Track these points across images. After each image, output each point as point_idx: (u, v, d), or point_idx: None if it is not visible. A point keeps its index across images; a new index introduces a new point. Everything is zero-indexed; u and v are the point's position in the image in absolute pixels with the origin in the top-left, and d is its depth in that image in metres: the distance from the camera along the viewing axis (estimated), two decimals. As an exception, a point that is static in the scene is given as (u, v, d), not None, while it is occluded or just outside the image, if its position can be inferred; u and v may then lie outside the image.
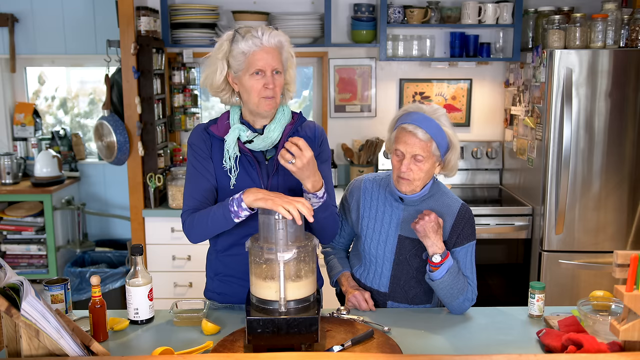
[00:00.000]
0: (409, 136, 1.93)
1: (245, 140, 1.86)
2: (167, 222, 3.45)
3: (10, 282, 1.47)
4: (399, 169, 1.97)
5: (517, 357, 1.53)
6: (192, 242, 1.90)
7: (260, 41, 1.80)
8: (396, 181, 2.00)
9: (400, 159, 1.96)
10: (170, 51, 3.82)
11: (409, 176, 1.95)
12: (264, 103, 1.82)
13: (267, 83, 1.81)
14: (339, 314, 1.94)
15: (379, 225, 2.07)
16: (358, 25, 3.74)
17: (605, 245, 3.26)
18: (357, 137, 4.03)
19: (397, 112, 2.05)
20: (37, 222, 3.87)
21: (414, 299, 2.07)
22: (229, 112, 1.94)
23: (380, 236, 2.06)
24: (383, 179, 2.13)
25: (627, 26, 3.24)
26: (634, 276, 1.48)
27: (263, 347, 1.61)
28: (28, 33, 4.02)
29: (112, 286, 3.73)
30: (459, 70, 3.96)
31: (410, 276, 2.06)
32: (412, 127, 1.93)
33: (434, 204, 2.03)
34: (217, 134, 1.89)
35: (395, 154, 1.98)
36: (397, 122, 2.01)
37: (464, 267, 2.00)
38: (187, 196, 1.90)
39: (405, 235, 2.04)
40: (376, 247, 2.07)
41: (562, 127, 3.12)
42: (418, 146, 1.93)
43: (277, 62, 1.82)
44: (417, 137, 1.92)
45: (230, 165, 1.86)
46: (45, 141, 4.16)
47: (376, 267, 2.08)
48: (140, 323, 1.89)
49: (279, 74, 1.84)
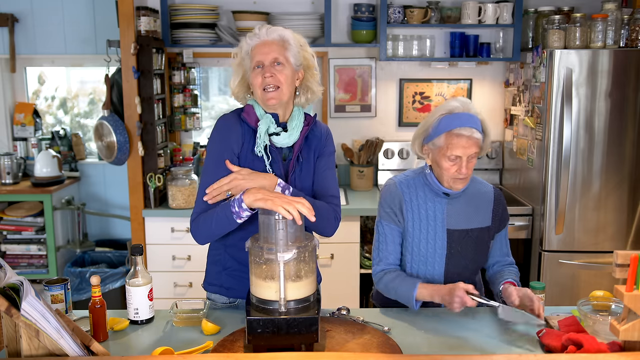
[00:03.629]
0: (466, 140, 1.94)
1: (273, 132, 1.89)
2: (167, 222, 3.45)
3: (10, 282, 1.47)
4: (455, 171, 1.98)
5: (517, 357, 1.53)
6: (200, 243, 1.92)
7: (259, 36, 1.86)
8: (451, 182, 2.01)
9: (456, 162, 1.97)
10: (170, 51, 3.82)
11: (465, 175, 1.98)
12: (266, 96, 1.86)
13: (265, 72, 1.83)
14: (339, 314, 1.94)
15: (425, 224, 2.06)
16: (358, 25, 3.74)
17: (605, 245, 3.26)
18: (357, 137, 4.03)
19: (434, 115, 2.02)
20: (37, 222, 3.87)
21: (466, 277, 2.10)
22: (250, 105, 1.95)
23: (428, 234, 2.06)
24: (415, 178, 2.11)
25: (627, 26, 3.24)
26: (634, 276, 1.48)
27: (263, 347, 1.61)
28: (28, 33, 4.02)
29: (112, 286, 3.73)
30: (459, 70, 3.96)
31: (463, 267, 2.08)
32: (468, 130, 1.94)
33: (472, 192, 2.10)
34: (250, 122, 1.91)
35: (449, 158, 1.97)
36: (441, 125, 1.98)
37: (503, 246, 2.16)
38: (199, 199, 1.90)
39: (452, 228, 2.06)
40: (426, 245, 2.06)
41: (562, 127, 3.12)
42: (474, 146, 1.96)
43: (277, 53, 1.85)
44: (473, 139, 1.95)
45: (262, 154, 1.88)
46: (45, 141, 4.16)
47: (427, 266, 2.07)
48: (140, 323, 1.89)
49: (282, 66, 1.85)
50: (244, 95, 1.98)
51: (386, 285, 2.05)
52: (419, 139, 2.08)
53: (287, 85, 1.87)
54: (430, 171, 2.07)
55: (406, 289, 1.98)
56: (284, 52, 1.86)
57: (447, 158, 1.97)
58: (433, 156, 2.04)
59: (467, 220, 2.08)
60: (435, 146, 2.01)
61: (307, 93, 1.99)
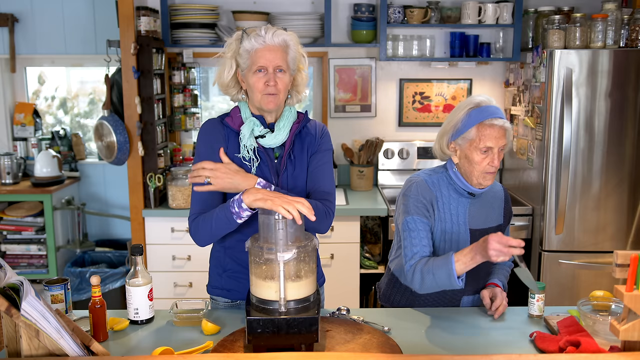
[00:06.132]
0: (497, 130, 1.95)
1: (258, 134, 1.89)
2: (167, 222, 3.45)
3: (10, 282, 1.47)
4: (487, 164, 1.96)
5: (517, 357, 1.53)
6: (200, 245, 1.91)
7: (264, 39, 1.84)
8: (481, 178, 1.99)
9: (488, 155, 1.96)
10: (170, 51, 3.82)
11: (496, 168, 1.99)
12: (266, 100, 1.86)
13: (269, 80, 1.84)
14: (339, 314, 1.94)
15: (449, 224, 2.04)
16: (358, 25, 3.74)
17: (605, 245, 3.26)
18: (357, 137, 4.03)
19: (461, 110, 2.00)
20: (37, 222, 3.87)
21: (479, 289, 2.11)
22: (238, 107, 1.96)
23: (452, 235, 2.05)
24: (439, 178, 2.07)
25: (627, 26, 3.24)
26: (634, 276, 1.48)
27: (263, 347, 1.61)
28: (28, 33, 4.02)
29: (112, 286, 3.73)
30: (459, 70, 3.96)
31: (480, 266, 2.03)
32: (499, 121, 1.95)
33: (487, 191, 2.11)
34: (233, 126, 1.92)
35: (480, 150, 1.96)
36: (471, 118, 1.96)
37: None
38: (194, 199, 1.91)
39: (474, 227, 2.06)
40: (450, 245, 2.04)
41: (562, 127, 3.12)
42: (504, 137, 1.97)
43: (280, 60, 1.85)
44: (504, 129, 1.97)
45: (250, 157, 1.88)
46: (45, 141, 4.16)
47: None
48: (140, 323, 1.89)
49: (283, 73, 1.86)
50: (236, 92, 1.96)
51: (421, 272, 1.91)
52: (446, 136, 2.04)
53: (285, 91, 1.89)
54: (456, 170, 2.05)
55: (444, 269, 1.86)
56: (285, 57, 1.86)
57: (479, 150, 1.96)
58: (462, 151, 2.00)
59: (485, 220, 2.09)
60: (465, 140, 1.99)
61: (298, 95, 1.99)
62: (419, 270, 1.93)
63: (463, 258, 1.85)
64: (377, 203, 3.55)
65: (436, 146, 2.10)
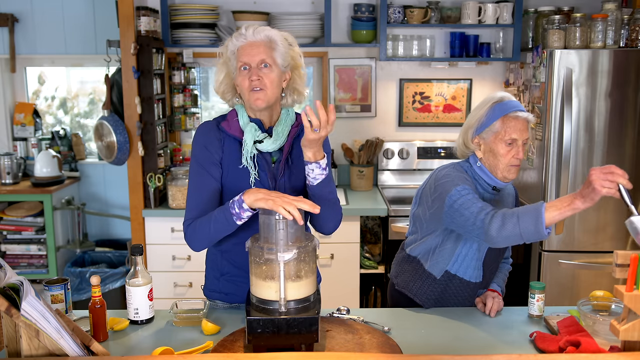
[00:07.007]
0: (522, 122, 2.00)
1: (256, 140, 1.86)
2: (167, 222, 3.45)
3: (10, 282, 1.47)
4: (513, 156, 2.00)
5: (517, 357, 1.53)
6: (195, 250, 1.89)
7: (245, 37, 1.82)
8: (505, 171, 2.01)
9: (513, 147, 2.00)
10: (170, 51, 3.82)
11: (521, 160, 2.02)
12: (254, 97, 1.82)
13: (252, 75, 1.80)
14: (339, 314, 1.94)
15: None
16: (358, 25, 3.74)
17: (605, 245, 3.26)
18: (357, 137, 4.03)
19: (484, 106, 2.04)
20: (37, 222, 3.87)
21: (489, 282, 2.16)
22: (234, 110, 1.93)
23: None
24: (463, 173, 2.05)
25: (627, 26, 3.24)
26: (634, 276, 1.48)
27: (263, 347, 1.61)
28: (28, 33, 4.02)
29: (112, 286, 3.73)
30: (459, 70, 3.96)
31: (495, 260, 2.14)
32: (523, 113, 2.01)
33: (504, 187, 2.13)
34: (229, 131, 1.89)
35: (505, 143, 1.99)
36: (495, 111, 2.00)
37: None
38: (190, 204, 1.88)
39: None
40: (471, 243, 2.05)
41: (562, 127, 3.12)
42: (527, 130, 2.02)
43: (264, 54, 1.80)
44: (527, 120, 2.01)
45: (250, 165, 1.86)
46: (45, 141, 4.16)
47: (470, 260, 2.06)
48: (140, 323, 1.89)
49: (269, 68, 1.81)
50: (231, 97, 1.95)
51: (503, 217, 1.80)
52: (471, 130, 2.06)
53: (273, 87, 1.82)
54: (481, 164, 2.06)
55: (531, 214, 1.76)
56: (271, 53, 1.81)
57: (504, 143, 1.99)
58: (487, 145, 2.02)
59: None
60: (490, 133, 2.01)
61: (293, 94, 1.93)
62: (499, 215, 1.81)
63: (558, 204, 1.74)
64: (377, 203, 3.55)
65: (459, 141, 2.11)
